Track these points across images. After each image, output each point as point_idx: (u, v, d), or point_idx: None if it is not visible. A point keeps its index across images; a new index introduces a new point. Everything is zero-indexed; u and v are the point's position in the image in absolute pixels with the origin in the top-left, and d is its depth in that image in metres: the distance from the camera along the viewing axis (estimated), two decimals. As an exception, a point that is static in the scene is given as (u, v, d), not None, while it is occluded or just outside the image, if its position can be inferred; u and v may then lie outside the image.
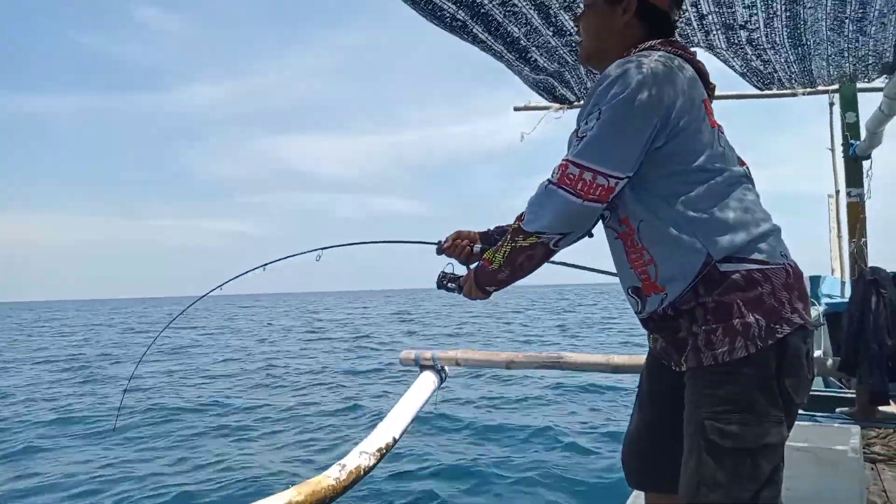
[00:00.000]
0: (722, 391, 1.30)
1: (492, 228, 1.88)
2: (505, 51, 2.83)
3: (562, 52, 2.85)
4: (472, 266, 1.67)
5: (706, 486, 1.29)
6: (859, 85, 3.14)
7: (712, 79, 1.51)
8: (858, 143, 3.15)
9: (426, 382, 2.74)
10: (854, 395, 3.23)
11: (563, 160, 1.38)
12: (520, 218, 1.47)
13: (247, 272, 2.41)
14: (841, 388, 4.31)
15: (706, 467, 1.30)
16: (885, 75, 2.88)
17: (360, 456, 1.96)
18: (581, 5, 1.65)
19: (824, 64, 2.83)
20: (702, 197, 1.34)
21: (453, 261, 1.84)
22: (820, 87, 3.16)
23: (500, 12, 2.46)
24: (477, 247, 1.83)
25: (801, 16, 2.38)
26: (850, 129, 3.20)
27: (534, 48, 2.81)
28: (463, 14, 2.44)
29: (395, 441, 2.18)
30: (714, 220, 1.33)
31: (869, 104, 3.10)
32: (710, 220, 1.33)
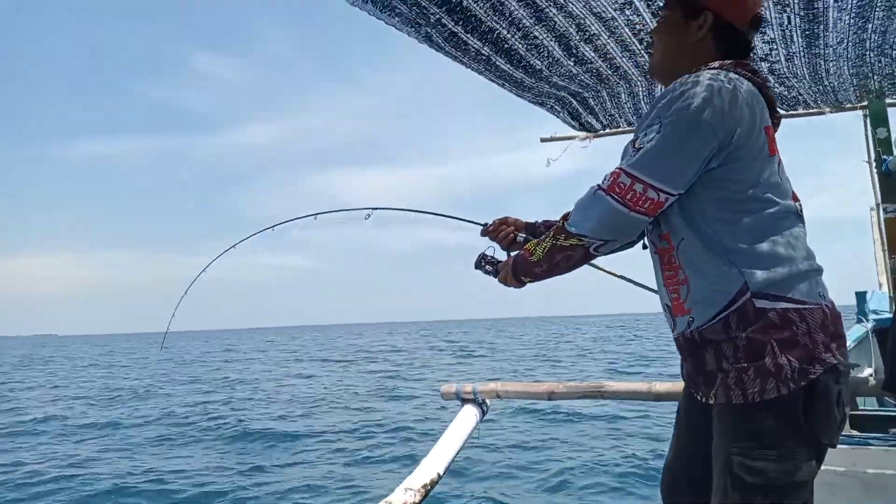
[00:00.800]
0: (751, 427, 1.30)
1: (539, 221, 1.89)
2: (527, 77, 2.88)
3: (582, 77, 2.92)
4: (513, 253, 1.67)
5: None
6: (888, 100, 3.13)
7: None
8: (891, 158, 3.12)
9: (468, 416, 2.76)
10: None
11: (616, 168, 1.37)
12: (565, 217, 1.48)
13: (295, 219, 2.40)
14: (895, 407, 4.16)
15: (732, 501, 1.30)
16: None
17: (405, 493, 2.00)
18: (655, 23, 1.64)
19: (849, 79, 2.84)
20: (748, 227, 1.33)
21: (495, 245, 1.85)
22: (847, 105, 3.16)
23: (523, 45, 2.52)
24: (521, 236, 1.84)
25: (822, 54, 2.41)
26: (882, 145, 3.17)
27: (556, 77, 2.88)
28: (488, 49, 2.50)
29: (440, 476, 2.21)
30: (756, 252, 1.32)
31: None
32: (751, 251, 1.32)
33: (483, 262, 1.79)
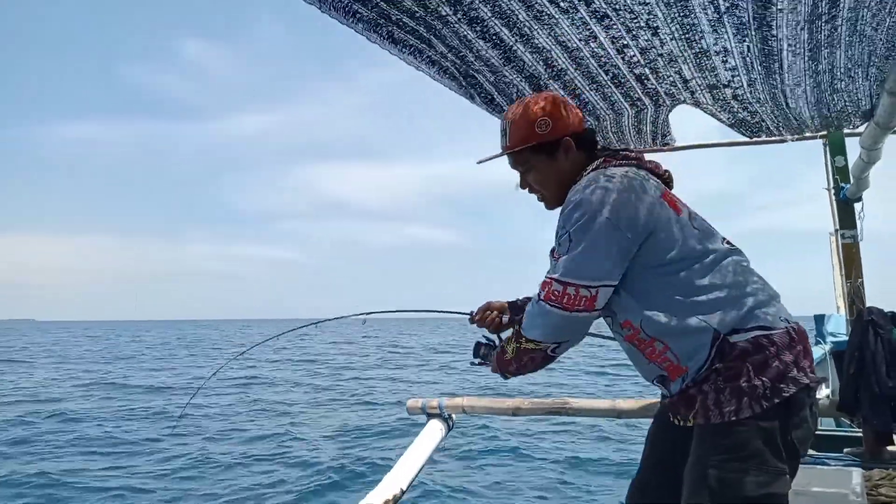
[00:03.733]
0: (727, 442, 1.37)
1: (520, 299, 1.99)
2: (493, 113, 2.84)
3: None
4: (496, 350, 1.75)
5: None
6: (846, 130, 3.24)
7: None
8: (848, 186, 3.24)
9: (433, 431, 2.75)
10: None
11: (546, 278, 1.50)
12: (519, 323, 1.60)
13: (310, 324, 2.74)
14: (851, 427, 4.28)
15: None
16: (864, 121, 2.99)
17: (367, 509, 1.98)
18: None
19: (808, 115, 2.94)
20: (690, 280, 1.44)
21: (485, 332, 1.94)
22: (808, 134, 3.26)
23: (492, 79, 2.48)
24: (505, 317, 1.94)
25: (780, 88, 2.50)
26: (840, 173, 3.28)
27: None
28: (455, 75, 2.48)
29: (403, 492, 2.21)
30: (708, 299, 1.43)
31: (857, 147, 3.19)
32: (704, 300, 1.43)
33: (480, 350, 1.87)
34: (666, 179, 1.63)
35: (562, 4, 1.89)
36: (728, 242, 1.56)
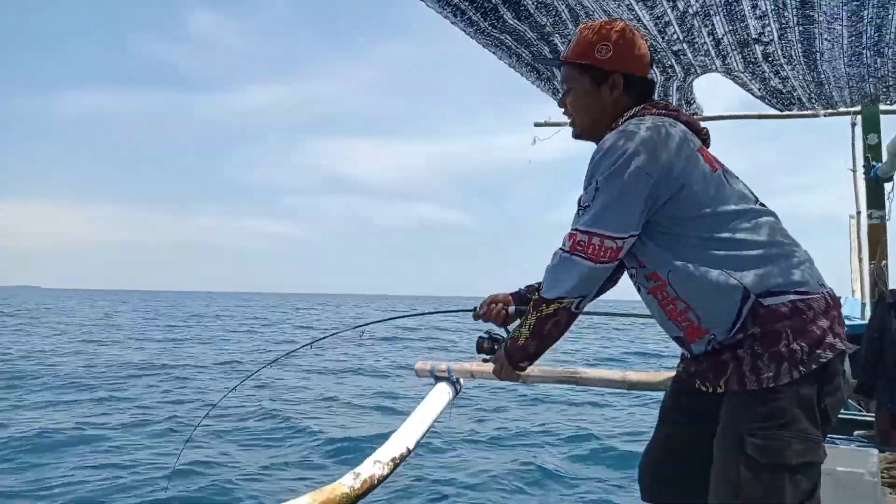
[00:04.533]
0: (764, 409, 1.33)
1: (522, 288, 1.93)
2: (527, 29, 2.75)
3: None
4: (509, 331, 1.72)
5: (742, 499, 1.32)
6: (882, 107, 3.13)
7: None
8: (880, 165, 3.14)
9: (441, 394, 2.75)
10: (873, 419, 3.19)
11: (571, 230, 1.46)
12: (537, 289, 1.54)
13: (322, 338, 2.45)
14: (860, 410, 4.25)
15: (744, 481, 1.32)
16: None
17: (374, 465, 1.98)
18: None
19: (844, 86, 2.83)
20: (726, 238, 1.40)
21: (491, 325, 1.88)
22: (841, 109, 3.15)
23: (533, 3, 2.45)
24: (511, 308, 1.87)
25: (816, 42, 2.39)
26: (872, 151, 3.18)
27: (557, 35, 2.78)
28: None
29: (410, 451, 2.20)
30: (742, 257, 1.38)
31: (892, 125, 3.10)
32: (737, 257, 1.38)
33: (484, 344, 1.82)
34: (704, 137, 1.58)
35: None
36: (761, 204, 1.51)
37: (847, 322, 5.35)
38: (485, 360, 1.82)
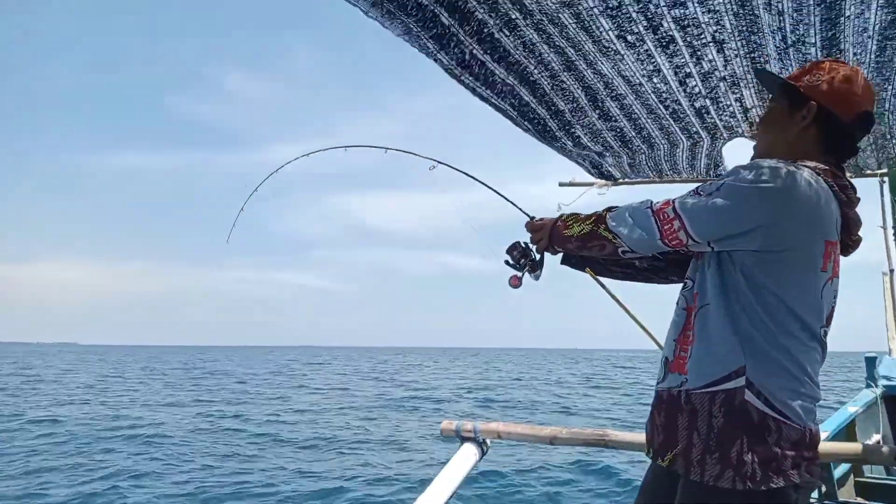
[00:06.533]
0: (707, 500, 1.33)
1: None
2: (549, 117, 2.86)
3: (606, 135, 2.93)
4: (551, 222, 1.67)
5: None
6: (908, 169, 3.13)
7: None
8: (908, 226, 3.11)
9: (467, 455, 2.71)
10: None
11: (671, 199, 1.43)
12: (609, 210, 1.54)
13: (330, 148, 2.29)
14: (903, 476, 4.07)
15: None
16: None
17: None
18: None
19: (870, 154, 2.85)
20: (771, 330, 1.33)
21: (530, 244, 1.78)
22: (867, 172, 3.16)
23: (549, 83, 2.51)
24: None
25: None
26: (900, 212, 3.16)
27: (578, 125, 2.89)
28: (513, 79, 2.50)
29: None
30: (767, 354, 1.32)
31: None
32: (763, 350, 1.32)
33: (514, 251, 1.79)
34: (850, 242, 1.48)
35: (629, 38, 1.87)
36: (829, 322, 1.43)
37: (885, 382, 5.18)
38: (506, 262, 1.77)
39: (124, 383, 27.97)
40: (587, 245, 1.55)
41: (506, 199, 2.01)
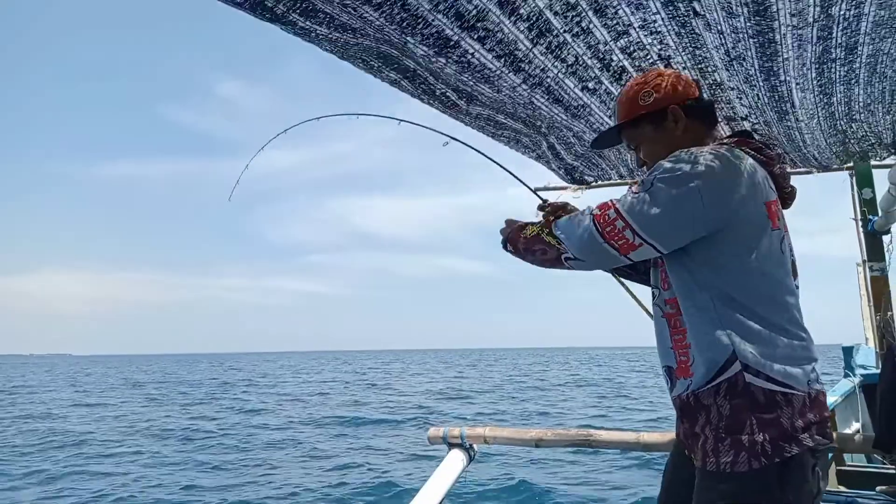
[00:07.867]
0: (723, 487, 1.34)
1: None
2: (524, 128, 2.88)
3: (577, 147, 2.98)
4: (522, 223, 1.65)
5: None
6: (873, 162, 3.21)
7: None
8: (876, 218, 3.19)
9: (454, 462, 2.71)
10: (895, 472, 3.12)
11: (610, 200, 1.44)
12: (558, 216, 1.56)
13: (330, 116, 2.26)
14: (884, 463, 4.14)
15: None
16: (892, 154, 2.96)
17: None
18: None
19: (826, 144, 2.92)
20: (746, 300, 1.36)
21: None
22: (834, 167, 3.23)
23: (525, 115, 2.52)
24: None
25: (795, 127, 2.50)
26: (868, 205, 3.24)
27: (553, 138, 2.93)
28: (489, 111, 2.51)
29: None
30: (750, 328, 1.35)
31: (884, 179, 3.16)
32: (746, 325, 1.35)
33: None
34: (785, 194, 1.54)
35: (590, 86, 1.92)
36: (796, 275, 1.48)
37: (862, 371, 5.26)
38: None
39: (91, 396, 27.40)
40: (531, 248, 1.54)
41: (518, 179, 2.00)
